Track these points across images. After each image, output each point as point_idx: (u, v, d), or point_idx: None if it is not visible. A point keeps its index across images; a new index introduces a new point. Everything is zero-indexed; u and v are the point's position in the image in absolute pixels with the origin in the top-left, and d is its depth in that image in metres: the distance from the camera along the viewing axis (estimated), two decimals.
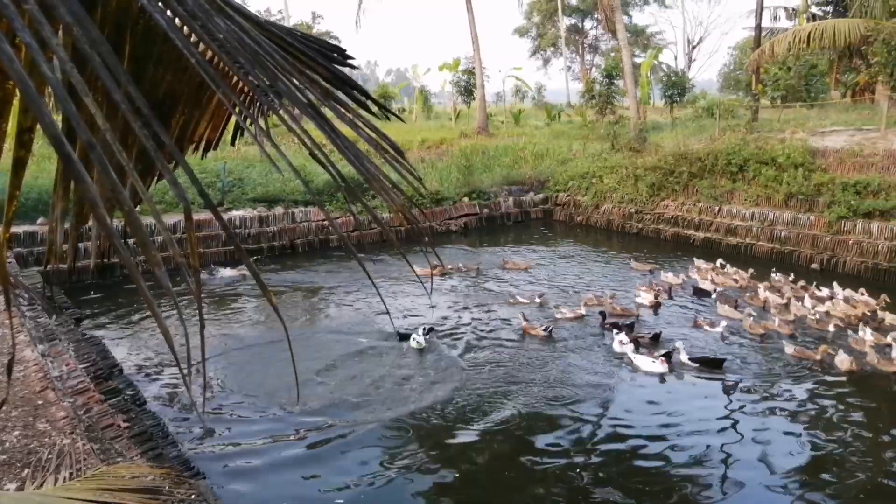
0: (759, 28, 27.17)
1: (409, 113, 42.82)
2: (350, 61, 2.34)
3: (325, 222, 17.31)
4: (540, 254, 17.39)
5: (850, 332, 10.38)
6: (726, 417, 8.11)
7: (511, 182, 22.49)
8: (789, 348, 9.71)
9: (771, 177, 17.12)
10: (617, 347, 9.88)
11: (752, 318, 10.85)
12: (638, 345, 9.96)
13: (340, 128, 1.83)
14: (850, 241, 14.93)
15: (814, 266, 15.17)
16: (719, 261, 14.54)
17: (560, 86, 58.52)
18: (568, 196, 21.99)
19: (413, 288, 13.52)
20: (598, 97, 30.55)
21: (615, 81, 30.29)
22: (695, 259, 14.92)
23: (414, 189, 2.40)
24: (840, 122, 20.20)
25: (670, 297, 12.70)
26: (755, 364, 9.61)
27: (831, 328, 10.74)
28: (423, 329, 10.61)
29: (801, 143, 17.73)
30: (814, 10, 32.98)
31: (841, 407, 8.20)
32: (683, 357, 9.52)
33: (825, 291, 12.40)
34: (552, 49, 61.40)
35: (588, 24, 60.37)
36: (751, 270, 13.72)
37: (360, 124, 1.83)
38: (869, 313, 11.38)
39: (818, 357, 9.40)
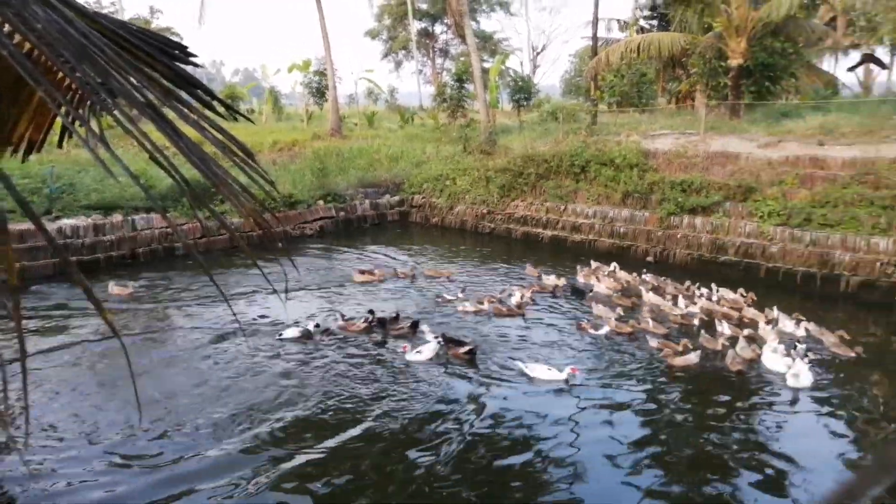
0: (595, 38, 29.17)
1: (259, 114, 41.57)
2: (193, 59, 2.22)
3: (170, 229, 16.31)
4: (396, 255, 17.45)
5: (703, 331, 10.87)
6: (574, 411, 8.47)
7: (366, 184, 22.43)
8: (653, 342, 10.38)
9: (610, 177, 18.38)
10: (410, 357, 9.91)
11: (613, 318, 11.35)
12: (446, 341, 10.14)
13: (184, 129, 1.72)
14: (679, 235, 16.37)
15: (649, 259, 16.46)
16: (613, 264, 14.76)
17: (412, 88, 59.43)
18: (423, 198, 22.32)
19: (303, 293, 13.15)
20: (449, 101, 31.31)
21: (465, 85, 31.15)
22: (591, 261, 15.25)
23: (266, 192, 2.31)
24: (667, 126, 21.92)
25: (555, 296, 13.27)
26: (606, 361, 10.01)
27: (696, 322, 11.45)
28: (314, 324, 10.94)
29: (634, 146, 19.14)
30: (642, 23, 35.97)
31: (682, 398, 8.80)
32: (429, 337, 10.32)
33: (703, 290, 13.00)
34: (404, 52, 62.02)
35: (438, 28, 61.61)
36: (633, 274, 14.21)
37: (206, 125, 1.73)
38: (738, 310, 11.99)
39: (680, 349, 10.06)
